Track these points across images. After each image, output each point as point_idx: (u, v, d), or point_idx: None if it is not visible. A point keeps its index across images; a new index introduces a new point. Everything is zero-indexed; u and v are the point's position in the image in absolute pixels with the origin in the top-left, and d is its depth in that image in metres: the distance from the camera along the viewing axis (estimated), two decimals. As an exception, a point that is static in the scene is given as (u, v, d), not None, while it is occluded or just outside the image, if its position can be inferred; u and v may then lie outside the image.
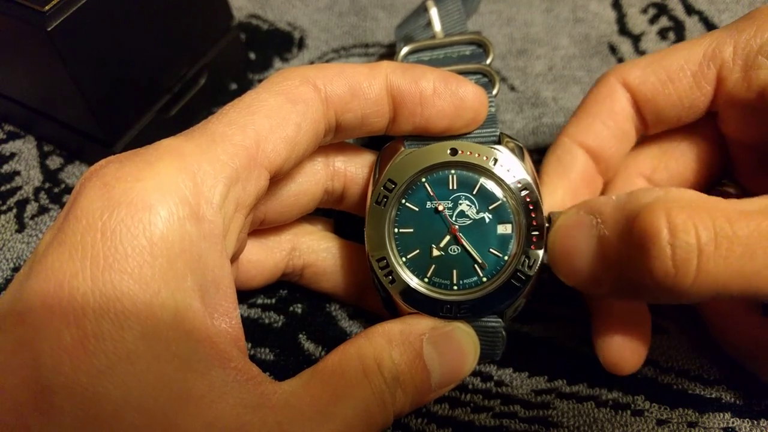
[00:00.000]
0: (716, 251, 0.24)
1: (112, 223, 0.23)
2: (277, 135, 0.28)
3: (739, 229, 0.24)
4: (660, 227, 0.25)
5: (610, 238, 0.28)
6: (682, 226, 0.25)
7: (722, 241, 0.24)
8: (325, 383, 0.27)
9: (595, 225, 0.29)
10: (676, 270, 0.25)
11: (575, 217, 0.30)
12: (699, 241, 0.24)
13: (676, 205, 0.25)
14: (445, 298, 0.31)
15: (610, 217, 0.28)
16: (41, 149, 0.47)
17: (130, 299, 0.22)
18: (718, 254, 0.24)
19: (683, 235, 0.25)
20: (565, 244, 0.30)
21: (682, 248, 0.25)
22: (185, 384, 0.23)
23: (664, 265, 0.25)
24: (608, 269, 0.28)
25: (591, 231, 0.29)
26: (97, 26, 0.38)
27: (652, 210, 0.26)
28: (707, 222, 0.25)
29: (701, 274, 0.25)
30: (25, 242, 0.42)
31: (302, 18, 0.55)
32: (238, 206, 0.27)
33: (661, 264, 0.25)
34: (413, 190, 0.32)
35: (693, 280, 0.25)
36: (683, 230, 0.25)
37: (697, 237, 0.24)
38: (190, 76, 0.47)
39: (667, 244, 0.25)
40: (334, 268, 0.37)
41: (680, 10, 0.53)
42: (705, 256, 0.24)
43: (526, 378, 0.36)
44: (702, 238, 0.24)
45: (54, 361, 0.22)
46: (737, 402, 0.34)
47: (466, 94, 0.31)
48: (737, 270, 0.24)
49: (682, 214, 0.25)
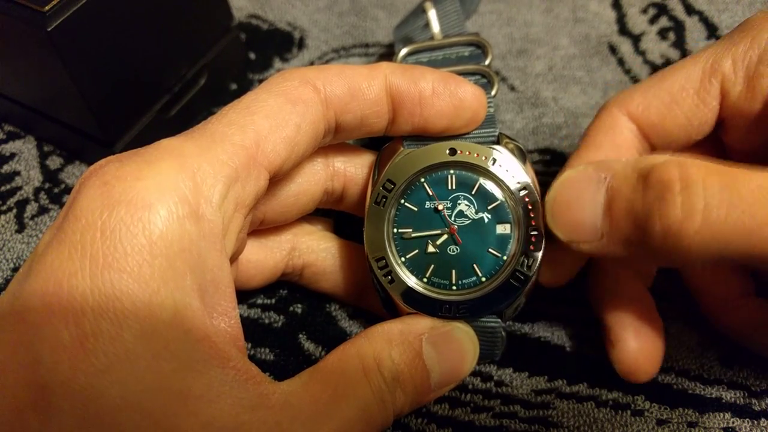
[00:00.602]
0: (719, 204, 0.25)
1: (112, 222, 0.23)
2: (277, 135, 0.28)
3: (742, 186, 0.25)
4: (674, 177, 0.26)
5: (619, 189, 0.28)
6: (694, 177, 0.25)
7: (726, 195, 0.25)
8: (325, 383, 0.27)
9: (603, 179, 0.29)
10: (684, 217, 0.25)
11: (583, 171, 0.30)
12: (706, 191, 0.25)
13: (689, 162, 0.26)
14: (444, 298, 0.31)
15: (621, 171, 0.28)
16: (41, 149, 0.47)
17: (129, 298, 0.22)
18: (721, 207, 0.25)
19: (694, 186, 0.25)
20: (569, 194, 0.30)
21: (691, 197, 0.25)
22: (184, 383, 0.23)
23: (674, 211, 0.25)
24: (614, 220, 0.28)
25: (598, 183, 0.29)
26: (97, 26, 0.38)
27: (668, 163, 0.26)
28: (715, 176, 0.25)
29: (705, 224, 0.25)
30: (25, 242, 0.42)
31: (302, 18, 0.55)
32: (238, 206, 0.27)
33: (672, 210, 0.25)
34: (412, 190, 0.32)
35: (697, 229, 0.25)
36: (694, 181, 0.25)
37: (705, 188, 0.25)
38: (190, 76, 0.47)
39: (678, 191, 0.25)
40: (334, 268, 0.37)
41: (680, 10, 0.53)
42: (709, 207, 0.25)
43: (526, 378, 0.36)
44: (709, 189, 0.25)
45: (53, 360, 0.22)
46: (737, 402, 0.34)
47: (465, 94, 0.31)
48: (738, 225, 0.25)
49: (694, 168, 0.26)
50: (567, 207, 0.29)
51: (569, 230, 0.30)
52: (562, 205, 0.30)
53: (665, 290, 0.38)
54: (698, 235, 0.25)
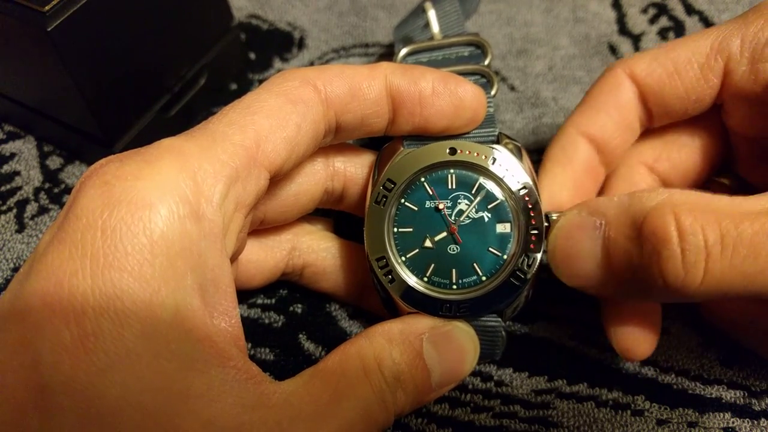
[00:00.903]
0: (722, 253, 0.25)
1: (113, 222, 0.23)
2: (278, 135, 0.28)
3: (743, 231, 0.25)
4: (670, 230, 0.25)
5: (616, 239, 0.28)
6: (690, 228, 0.25)
7: (728, 243, 0.25)
8: (326, 383, 0.27)
9: (598, 227, 0.29)
10: (685, 272, 0.25)
11: (577, 218, 0.30)
12: (707, 243, 0.25)
13: (683, 208, 0.26)
14: (444, 297, 0.31)
15: (615, 218, 0.28)
16: (41, 149, 0.47)
17: (130, 298, 0.22)
18: (724, 256, 0.25)
19: (692, 238, 0.25)
20: (568, 246, 0.30)
21: (691, 251, 0.25)
22: (184, 383, 0.23)
23: (675, 268, 0.25)
24: (614, 271, 0.28)
25: (594, 233, 0.29)
26: (97, 26, 0.38)
27: (660, 213, 0.26)
28: (713, 224, 0.25)
29: (708, 275, 0.25)
30: (25, 242, 0.42)
31: (302, 18, 0.55)
32: (238, 205, 0.27)
33: (673, 267, 0.25)
34: (412, 189, 0.32)
35: (701, 281, 0.25)
36: (692, 233, 0.25)
37: (705, 239, 0.25)
38: (190, 76, 0.47)
39: (677, 247, 0.25)
40: (334, 267, 0.37)
41: (680, 10, 0.53)
42: (712, 258, 0.25)
43: (526, 378, 0.36)
44: (709, 240, 0.25)
45: (54, 359, 0.22)
46: (737, 402, 0.34)
47: (465, 93, 0.31)
48: (741, 270, 0.25)
49: (690, 216, 0.25)
50: (567, 258, 0.30)
51: (572, 280, 0.30)
52: (562, 256, 0.30)
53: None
54: (702, 286, 0.25)
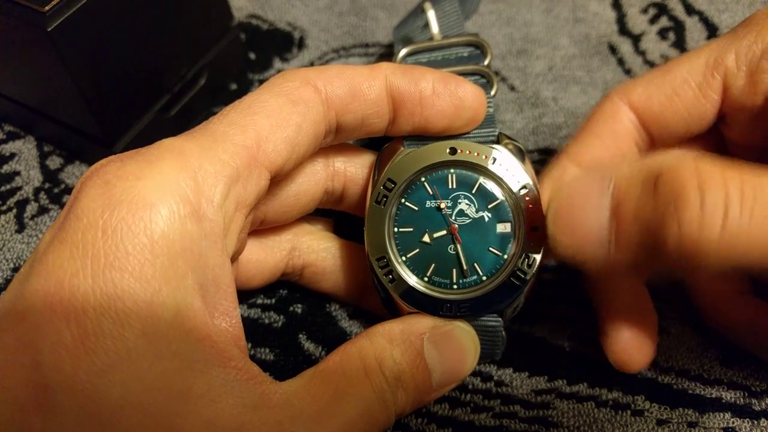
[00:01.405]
0: (742, 211, 0.23)
1: (113, 222, 0.23)
2: (278, 135, 0.28)
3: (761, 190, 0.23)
4: (689, 180, 0.24)
5: (626, 195, 0.26)
6: (711, 180, 0.24)
7: (747, 202, 0.23)
8: (326, 383, 0.27)
9: (608, 182, 0.27)
10: (702, 228, 0.23)
11: (584, 175, 0.28)
12: (727, 196, 0.23)
13: (705, 163, 0.24)
14: (445, 297, 0.31)
15: (627, 173, 0.26)
16: (41, 149, 0.47)
17: (131, 298, 0.22)
18: (744, 214, 0.23)
19: (712, 193, 0.23)
20: (572, 200, 0.28)
21: (710, 205, 0.23)
22: (185, 383, 0.23)
23: (692, 222, 0.24)
24: (622, 230, 0.26)
25: (603, 189, 0.27)
26: (97, 26, 0.38)
27: (682, 165, 0.24)
28: (736, 179, 0.24)
29: (725, 233, 0.23)
30: (25, 242, 0.42)
31: (302, 18, 0.55)
32: (239, 205, 0.27)
33: (689, 220, 0.24)
34: (413, 189, 0.32)
35: (718, 239, 0.23)
36: (712, 184, 0.24)
37: (726, 191, 0.23)
38: (190, 76, 0.47)
39: (696, 200, 0.24)
40: (334, 268, 0.37)
41: (680, 10, 0.53)
42: (731, 212, 0.23)
43: (526, 378, 0.36)
44: (730, 196, 0.23)
45: (54, 359, 0.22)
46: (737, 402, 0.34)
47: (465, 93, 0.31)
48: (759, 232, 0.23)
49: (711, 167, 0.24)
50: (570, 214, 0.28)
51: (573, 240, 0.28)
52: (565, 211, 0.28)
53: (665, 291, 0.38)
54: (719, 243, 0.23)
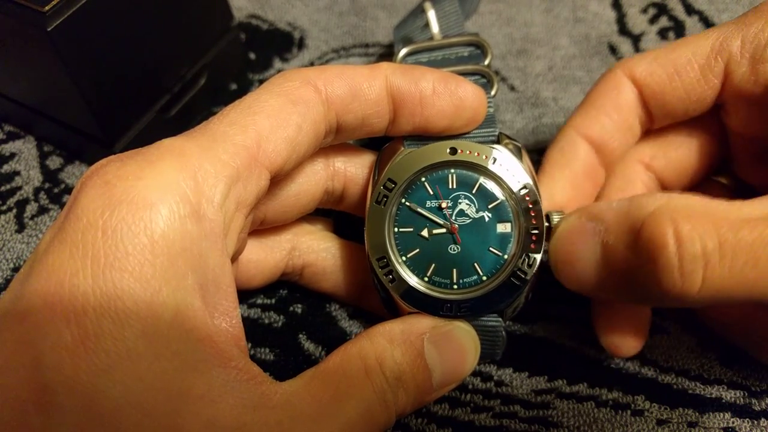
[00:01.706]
0: (721, 260, 0.25)
1: (113, 222, 0.23)
2: (278, 135, 0.28)
3: (742, 238, 0.25)
4: (667, 238, 0.25)
5: (614, 245, 0.28)
6: (688, 236, 0.25)
7: (726, 251, 0.25)
8: (327, 383, 0.27)
9: (598, 232, 0.29)
10: (683, 280, 0.25)
11: (577, 223, 0.30)
12: (705, 251, 0.25)
13: (681, 215, 0.25)
14: (445, 297, 0.31)
15: (613, 224, 0.28)
16: (41, 149, 0.47)
17: (131, 298, 0.22)
18: (723, 263, 0.25)
19: (689, 246, 0.25)
20: (568, 251, 0.30)
21: (689, 259, 0.25)
22: (185, 383, 0.23)
23: (672, 276, 0.25)
24: (613, 276, 0.28)
25: (594, 238, 0.29)
26: (97, 26, 0.38)
27: (658, 220, 0.26)
28: (712, 232, 0.25)
29: (707, 282, 0.25)
30: (25, 242, 0.42)
31: (302, 18, 0.55)
32: (239, 205, 0.27)
33: (669, 274, 0.25)
34: (413, 189, 0.32)
35: (699, 289, 0.25)
36: (689, 241, 0.25)
37: (703, 247, 0.25)
38: (190, 76, 0.47)
39: (674, 254, 0.25)
40: (334, 267, 0.37)
41: (680, 10, 0.53)
42: (710, 265, 0.25)
43: (526, 378, 0.36)
44: (708, 247, 0.25)
45: (55, 359, 0.22)
46: (737, 402, 0.34)
47: (466, 93, 0.31)
48: (741, 278, 0.25)
49: (688, 224, 0.25)
50: (568, 263, 0.30)
51: (572, 284, 0.31)
52: (563, 260, 0.30)
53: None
54: (700, 293, 0.25)
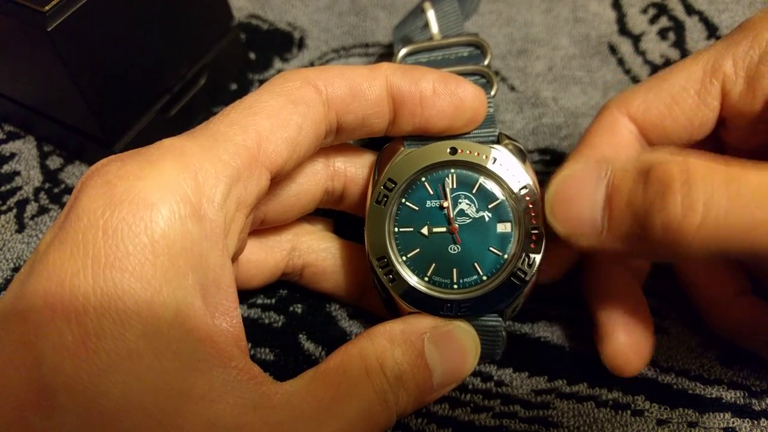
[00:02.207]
0: (720, 201, 0.25)
1: (114, 222, 0.23)
2: (279, 135, 0.28)
3: (743, 183, 0.25)
4: (675, 173, 0.26)
5: (620, 185, 0.28)
6: (694, 174, 0.25)
7: (727, 192, 0.25)
8: (327, 383, 0.27)
9: (604, 174, 0.28)
10: (684, 214, 0.25)
11: (582, 166, 0.29)
12: (707, 188, 0.25)
13: (690, 158, 0.26)
14: (445, 297, 0.31)
15: (621, 168, 0.28)
16: (41, 149, 0.47)
17: (132, 297, 0.22)
18: (721, 204, 0.25)
19: (694, 182, 0.25)
20: (569, 189, 0.29)
21: (692, 196, 0.25)
22: (186, 383, 0.23)
23: (675, 207, 0.25)
24: (613, 215, 0.28)
25: (599, 179, 0.29)
26: (97, 26, 0.38)
27: (671, 159, 0.26)
28: (716, 173, 0.25)
29: (705, 221, 0.25)
30: (25, 242, 0.42)
31: (302, 18, 0.55)
32: (240, 206, 0.27)
33: (673, 206, 0.25)
34: (413, 189, 0.32)
35: (699, 224, 0.25)
36: (695, 178, 0.25)
37: (706, 185, 0.25)
38: (190, 76, 0.47)
39: (679, 188, 0.25)
40: (334, 267, 0.37)
41: (680, 10, 0.53)
42: (711, 204, 0.25)
43: (526, 378, 0.36)
44: (710, 185, 0.25)
45: (55, 359, 0.22)
46: (737, 402, 0.34)
47: (466, 94, 0.31)
48: (738, 222, 0.25)
49: (695, 164, 0.26)
50: (567, 201, 0.29)
51: (569, 225, 0.29)
52: (562, 199, 0.30)
53: (665, 291, 0.38)
54: (699, 230, 0.25)
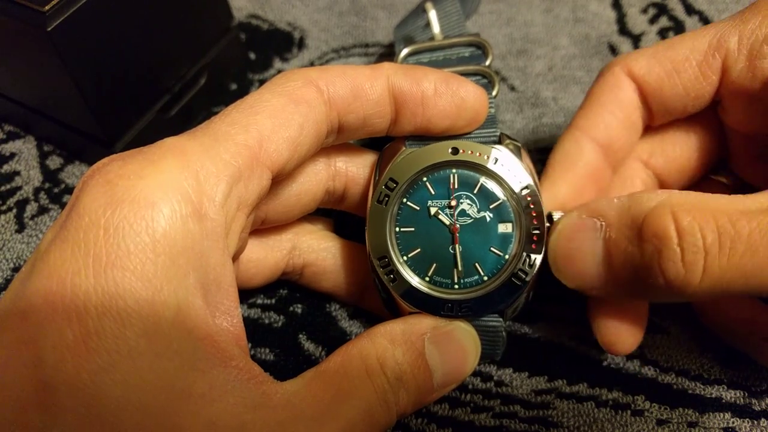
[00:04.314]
0: (720, 251, 0.25)
1: (115, 221, 0.23)
2: (280, 135, 0.28)
3: (740, 228, 0.25)
4: (669, 230, 0.26)
5: (616, 240, 0.28)
6: (688, 228, 0.25)
7: (725, 241, 0.25)
8: (328, 383, 0.27)
9: (599, 228, 0.29)
10: (685, 271, 0.25)
11: (578, 220, 0.30)
12: (705, 242, 0.25)
13: (681, 209, 0.26)
14: (446, 297, 0.31)
15: (615, 219, 0.28)
16: (41, 149, 0.47)
17: (132, 296, 0.22)
18: (722, 253, 0.25)
19: (690, 237, 0.25)
20: (569, 247, 0.30)
21: (690, 250, 0.25)
22: (186, 382, 0.23)
23: (675, 267, 0.26)
24: (615, 271, 0.28)
25: (595, 234, 0.29)
26: (97, 26, 0.38)
27: (660, 213, 0.26)
28: (711, 223, 0.25)
29: (707, 273, 0.25)
30: (25, 242, 0.42)
31: (302, 18, 0.55)
32: (240, 205, 0.27)
33: (673, 265, 0.26)
34: (414, 189, 0.32)
35: (700, 279, 0.25)
36: (690, 232, 0.25)
37: (703, 238, 0.25)
38: (190, 76, 0.47)
39: (676, 246, 0.25)
40: (335, 267, 0.37)
41: (680, 10, 0.53)
42: (710, 256, 0.25)
43: (526, 378, 0.36)
44: (707, 239, 0.25)
45: (56, 358, 0.22)
46: (737, 402, 0.35)
47: (467, 94, 0.31)
48: (740, 268, 0.25)
49: (688, 216, 0.26)
50: (569, 259, 0.30)
51: (575, 281, 0.30)
52: (564, 257, 0.30)
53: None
54: (701, 284, 0.26)
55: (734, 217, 0.25)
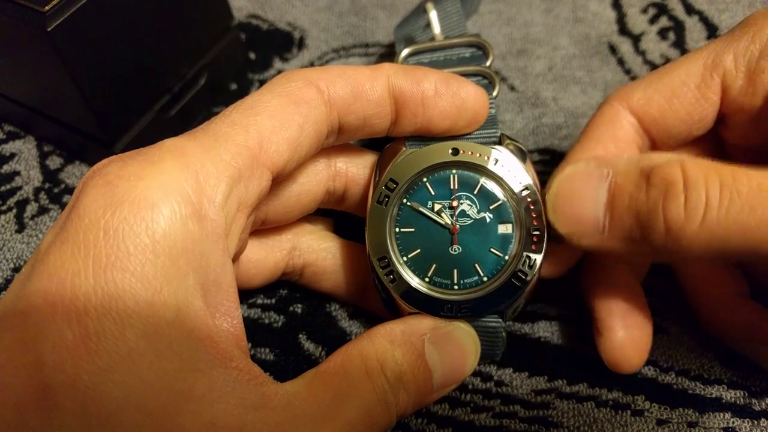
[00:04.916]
0: (720, 204, 0.26)
1: (115, 222, 0.23)
2: (280, 136, 0.28)
3: (741, 186, 0.26)
4: (676, 176, 0.27)
5: (622, 186, 0.28)
6: (694, 177, 0.26)
7: (725, 194, 0.26)
8: (328, 384, 0.27)
9: (605, 176, 0.29)
10: (686, 216, 0.26)
11: (584, 165, 0.30)
12: (707, 191, 0.26)
13: (690, 162, 0.27)
14: (446, 298, 0.31)
15: (624, 168, 0.29)
16: (41, 149, 0.47)
17: (132, 297, 0.22)
18: (722, 206, 0.26)
19: (695, 186, 0.26)
20: (571, 189, 0.30)
21: (693, 198, 0.26)
22: (186, 383, 0.23)
23: (677, 210, 0.26)
24: (616, 215, 0.29)
25: (601, 179, 0.29)
26: (97, 26, 0.38)
27: (670, 163, 0.27)
28: (716, 175, 0.26)
29: (705, 224, 0.26)
30: (25, 242, 0.42)
31: (302, 18, 0.55)
32: (241, 206, 0.27)
33: (675, 209, 0.26)
34: (414, 189, 0.32)
35: (697, 230, 0.26)
36: (694, 181, 0.26)
37: (706, 188, 0.26)
38: (190, 76, 0.47)
39: (681, 191, 0.26)
40: (334, 267, 0.37)
41: (680, 10, 0.53)
42: (710, 207, 0.26)
43: (526, 378, 0.36)
44: (710, 190, 0.26)
45: (56, 359, 0.22)
46: (737, 402, 0.35)
47: (468, 94, 0.31)
48: (737, 222, 0.25)
49: (696, 166, 0.27)
50: (569, 201, 0.30)
51: (570, 224, 0.30)
52: (564, 198, 0.30)
53: (665, 290, 0.38)
54: (699, 232, 0.26)
55: (738, 175, 0.26)
